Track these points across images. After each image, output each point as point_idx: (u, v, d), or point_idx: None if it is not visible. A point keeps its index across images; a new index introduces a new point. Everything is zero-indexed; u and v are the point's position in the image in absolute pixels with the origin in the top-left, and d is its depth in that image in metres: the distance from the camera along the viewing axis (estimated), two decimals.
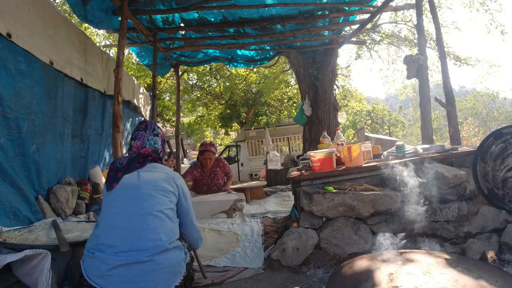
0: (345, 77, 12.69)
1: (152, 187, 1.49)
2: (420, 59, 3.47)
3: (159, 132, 1.70)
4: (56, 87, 3.01)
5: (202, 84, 13.89)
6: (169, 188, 1.54)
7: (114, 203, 1.47)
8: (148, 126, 1.69)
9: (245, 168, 14.37)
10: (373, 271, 1.47)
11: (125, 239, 1.36)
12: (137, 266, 1.31)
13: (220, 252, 2.52)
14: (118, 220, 1.40)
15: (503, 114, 23.71)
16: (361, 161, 2.51)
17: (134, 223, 1.39)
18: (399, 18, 9.15)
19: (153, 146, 1.65)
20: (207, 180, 3.90)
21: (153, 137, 1.66)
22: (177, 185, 1.59)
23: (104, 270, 1.31)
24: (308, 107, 6.79)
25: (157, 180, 1.53)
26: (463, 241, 2.02)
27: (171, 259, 1.38)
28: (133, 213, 1.41)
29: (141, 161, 1.58)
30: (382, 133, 16.99)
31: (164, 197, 1.50)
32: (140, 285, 1.30)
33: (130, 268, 1.31)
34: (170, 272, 1.36)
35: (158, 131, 1.70)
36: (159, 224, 1.41)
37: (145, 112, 6.20)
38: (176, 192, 1.58)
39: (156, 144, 1.66)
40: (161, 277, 1.33)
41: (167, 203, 1.50)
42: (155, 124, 1.73)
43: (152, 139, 1.66)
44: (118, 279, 1.29)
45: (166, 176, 1.57)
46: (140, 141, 1.64)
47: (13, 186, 2.34)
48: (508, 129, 2.19)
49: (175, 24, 4.51)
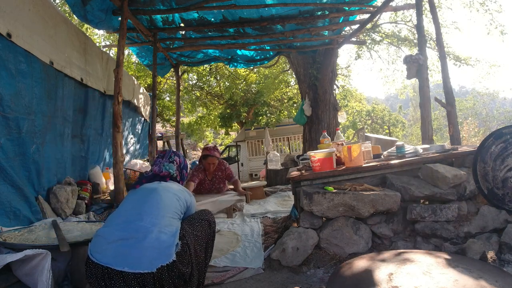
0: (345, 77, 12.69)
1: (168, 190, 1.74)
2: (420, 59, 3.47)
3: (175, 159, 1.99)
4: (56, 87, 3.01)
5: (202, 84, 13.89)
6: (181, 196, 1.76)
7: (131, 196, 1.73)
8: (166, 154, 2.02)
9: (245, 168, 14.37)
10: (373, 271, 1.47)
11: (129, 218, 1.54)
12: (129, 242, 1.42)
13: (220, 252, 2.52)
14: (131, 206, 1.63)
15: (503, 114, 23.72)
16: (361, 161, 2.51)
17: (141, 208, 1.58)
18: (399, 18, 9.15)
19: (168, 171, 1.94)
20: (208, 184, 3.86)
21: (168, 164, 1.96)
22: (191, 198, 1.86)
23: (103, 244, 1.44)
24: (308, 107, 6.79)
25: (174, 188, 1.80)
26: (463, 241, 2.02)
27: (162, 240, 1.45)
28: (144, 202, 1.62)
29: (163, 178, 1.90)
30: (382, 133, 16.97)
31: (176, 200, 1.71)
32: (128, 258, 1.38)
33: (123, 242, 1.42)
34: (158, 251, 1.42)
35: (174, 159, 2.00)
36: (162, 213, 1.57)
37: (145, 112, 6.20)
38: (186, 203, 1.80)
39: (171, 169, 1.94)
40: (149, 253, 1.40)
41: (176, 205, 1.69)
42: (173, 153, 2.03)
43: (168, 165, 1.95)
44: (111, 253, 1.40)
45: (181, 188, 1.87)
46: (157, 166, 1.95)
47: (13, 186, 2.34)
48: (508, 129, 2.19)
49: (175, 24, 4.51)
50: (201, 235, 1.75)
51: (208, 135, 20.35)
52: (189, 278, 1.56)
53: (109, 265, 1.36)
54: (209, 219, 1.87)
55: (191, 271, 1.56)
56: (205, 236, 1.78)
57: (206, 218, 1.85)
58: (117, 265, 1.36)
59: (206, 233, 1.80)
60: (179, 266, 1.47)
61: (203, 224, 1.80)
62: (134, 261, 1.38)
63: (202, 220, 1.82)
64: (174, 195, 1.73)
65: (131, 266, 1.36)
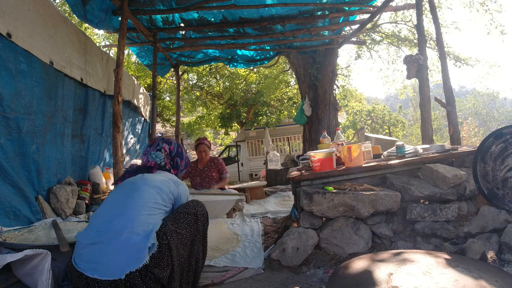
0: (345, 77, 12.70)
1: (148, 184, 1.59)
2: (420, 59, 3.47)
3: (162, 147, 1.84)
4: (56, 87, 3.01)
5: (202, 84, 13.89)
6: (164, 188, 1.61)
7: (111, 194, 1.62)
8: (154, 143, 1.87)
9: (245, 168, 14.37)
10: (372, 271, 1.47)
11: (103, 219, 1.46)
12: (98, 247, 1.36)
13: (220, 252, 2.52)
14: (107, 207, 1.54)
15: (503, 114, 23.73)
16: (361, 161, 2.51)
17: (116, 208, 1.49)
18: (399, 18, 9.16)
19: (155, 159, 1.79)
20: (200, 172, 3.97)
21: (155, 152, 1.81)
22: (179, 188, 1.70)
23: (79, 248, 1.41)
24: (308, 107, 6.79)
25: (157, 180, 1.64)
26: (463, 241, 2.02)
27: (132, 243, 1.36)
28: (120, 201, 1.52)
29: (150, 169, 1.73)
30: (382, 133, 16.97)
31: (156, 193, 1.57)
32: (97, 265, 1.33)
33: (94, 247, 1.37)
34: (127, 256, 1.34)
35: (162, 146, 1.84)
36: (137, 211, 1.46)
37: (145, 112, 6.19)
38: (173, 195, 1.66)
39: (158, 158, 1.80)
40: (117, 258, 1.33)
41: (156, 199, 1.55)
42: (163, 140, 1.87)
43: (154, 154, 1.80)
44: (85, 259, 1.36)
45: (167, 179, 1.69)
46: (145, 156, 1.82)
47: (13, 186, 2.34)
48: (508, 129, 2.19)
49: (175, 24, 4.51)
50: (186, 233, 1.59)
51: (208, 135, 20.35)
52: (169, 282, 1.46)
53: (83, 271, 1.33)
54: (197, 212, 1.69)
55: (171, 273, 1.46)
56: (190, 233, 1.62)
57: (193, 212, 1.67)
58: (89, 272, 1.31)
59: (192, 229, 1.64)
60: (154, 270, 1.37)
61: (188, 219, 1.63)
62: (103, 267, 1.32)
63: (188, 215, 1.65)
64: (155, 188, 1.58)
65: (101, 273, 1.31)
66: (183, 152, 1.93)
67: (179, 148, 1.92)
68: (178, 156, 1.89)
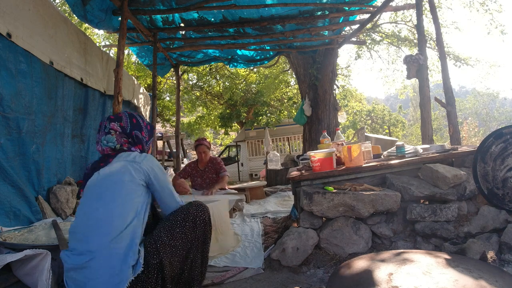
0: (345, 77, 12.71)
1: (108, 183, 1.39)
2: (420, 59, 3.47)
3: (111, 128, 1.54)
4: (56, 87, 3.01)
5: (202, 84, 13.90)
6: (126, 177, 1.40)
7: (79, 208, 1.42)
8: (101, 127, 1.58)
9: (245, 168, 14.37)
10: (372, 271, 1.47)
11: (77, 237, 1.33)
12: (81, 271, 1.27)
13: (220, 252, 2.52)
14: (77, 223, 1.36)
15: (503, 114, 23.75)
16: (361, 161, 2.51)
17: (85, 225, 1.33)
18: (399, 18, 9.16)
19: (108, 145, 1.53)
20: (201, 173, 3.97)
21: (105, 137, 1.54)
22: (152, 173, 1.47)
23: (66, 270, 1.32)
24: (308, 107, 6.79)
25: (114, 173, 1.41)
26: (463, 241, 2.02)
27: (106, 266, 1.25)
28: (89, 216, 1.34)
29: (106, 159, 1.50)
30: (382, 133, 16.98)
31: (120, 189, 1.37)
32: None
33: (77, 272, 1.28)
34: (107, 283, 1.24)
35: (111, 127, 1.54)
36: (106, 224, 1.30)
37: (145, 112, 6.19)
38: (146, 182, 1.46)
39: (110, 142, 1.53)
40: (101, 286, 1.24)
41: (122, 195, 1.37)
42: (109, 119, 1.57)
43: (105, 139, 1.54)
44: (73, 283, 1.28)
45: (126, 163, 1.44)
46: (98, 145, 1.57)
47: (13, 186, 2.34)
48: (508, 129, 2.19)
49: (175, 24, 4.51)
50: (181, 243, 1.46)
51: (208, 135, 20.35)
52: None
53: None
54: (195, 219, 1.54)
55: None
56: (186, 242, 1.49)
57: (191, 219, 1.52)
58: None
59: (190, 238, 1.50)
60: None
61: (186, 227, 1.49)
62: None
63: (186, 222, 1.50)
64: (117, 184, 1.37)
65: None
66: (141, 121, 1.65)
67: (133, 119, 1.62)
68: (135, 128, 1.60)
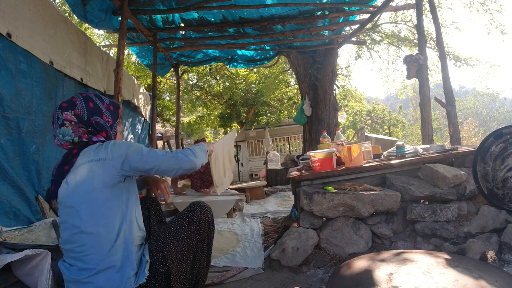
0: (345, 77, 12.70)
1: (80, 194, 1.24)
2: (420, 59, 3.47)
3: (65, 119, 1.32)
4: (56, 87, 3.01)
5: (202, 84, 13.90)
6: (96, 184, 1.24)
7: (61, 224, 1.32)
8: (53, 119, 1.35)
9: (245, 168, 14.38)
10: (372, 271, 1.47)
11: (73, 259, 1.28)
12: (82, 285, 1.24)
13: (220, 252, 2.53)
14: (67, 241, 1.28)
15: (503, 114, 23.75)
16: (361, 161, 2.51)
17: (76, 244, 1.25)
18: (399, 18, 9.16)
19: (65, 140, 1.33)
20: (200, 175, 3.94)
21: (60, 129, 1.32)
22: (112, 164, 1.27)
23: (65, 281, 1.31)
24: (308, 107, 6.79)
25: (82, 181, 1.25)
26: (463, 241, 2.02)
27: (107, 280, 1.23)
28: (74, 236, 1.25)
29: (69, 160, 1.32)
30: (382, 133, 16.98)
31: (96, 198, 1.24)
32: None
33: (78, 285, 1.25)
34: None
35: (64, 118, 1.32)
36: (97, 240, 1.23)
37: (145, 112, 6.19)
38: (114, 172, 1.27)
39: (67, 135, 1.32)
40: None
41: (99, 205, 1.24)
42: (60, 110, 1.33)
43: (60, 133, 1.33)
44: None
45: (91, 165, 1.26)
46: (56, 140, 1.37)
47: (13, 186, 2.34)
48: (508, 129, 2.19)
49: (175, 24, 4.51)
50: (187, 250, 1.43)
51: (208, 135, 20.35)
52: None
53: None
54: (200, 221, 1.48)
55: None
56: (191, 248, 1.45)
57: (195, 222, 1.47)
58: None
59: (194, 242, 1.46)
60: None
61: (191, 231, 1.45)
62: None
63: (191, 226, 1.45)
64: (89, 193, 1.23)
65: None
66: (99, 102, 1.40)
67: (90, 102, 1.37)
68: (94, 114, 1.36)
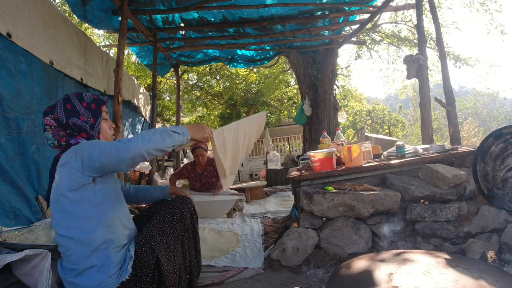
0: (345, 77, 12.71)
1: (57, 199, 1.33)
2: (420, 59, 3.47)
3: (45, 124, 1.40)
4: (56, 87, 3.01)
5: (202, 84, 13.90)
6: (66, 191, 1.30)
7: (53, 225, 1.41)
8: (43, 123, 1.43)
9: (245, 168, 14.36)
10: (372, 271, 1.47)
11: (63, 259, 1.41)
12: (72, 285, 1.34)
13: (220, 252, 2.52)
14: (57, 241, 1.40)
15: (503, 114, 23.74)
16: (361, 161, 2.51)
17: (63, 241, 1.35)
18: (399, 18, 9.17)
19: (49, 144, 1.41)
20: (199, 177, 3.91)
21: (44, 134, 1.42)
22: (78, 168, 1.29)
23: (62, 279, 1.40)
24: (308, 107, 6.79)
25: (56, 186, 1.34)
26: (463, 241, 2.02)
27: (89, 280, 1.30)
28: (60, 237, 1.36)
29: (55, 163, 1.39)
30: (382, 133, 16.98)
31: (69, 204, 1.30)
32: None
33: (69, 284, 1.35)
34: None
35: (45, 122, 1.40)
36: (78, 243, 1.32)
37: (145, 112, 6.20)
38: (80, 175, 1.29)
39: (49, 140, 1.40)
40: None
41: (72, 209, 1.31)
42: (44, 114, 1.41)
43: (45, 137, 1.42)
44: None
45: (60, 170, 1.33)
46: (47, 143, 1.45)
47: (13, 186, 2.34)
48: (508, 129, 2.18)
49: (175, 24, 4.51)
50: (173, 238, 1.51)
51: None
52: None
53: None
54: (182, 211, 1.56)
55: None
56: (177, 237, 1.53)
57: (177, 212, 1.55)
58: None
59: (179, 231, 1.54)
60: None
61: (174, 221, 1.53)
62: None
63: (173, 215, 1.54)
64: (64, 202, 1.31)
65: None
66: (77, 103, 1.41)
67: (67, 104, 1.39)
68: (71, 115, 1.38)
